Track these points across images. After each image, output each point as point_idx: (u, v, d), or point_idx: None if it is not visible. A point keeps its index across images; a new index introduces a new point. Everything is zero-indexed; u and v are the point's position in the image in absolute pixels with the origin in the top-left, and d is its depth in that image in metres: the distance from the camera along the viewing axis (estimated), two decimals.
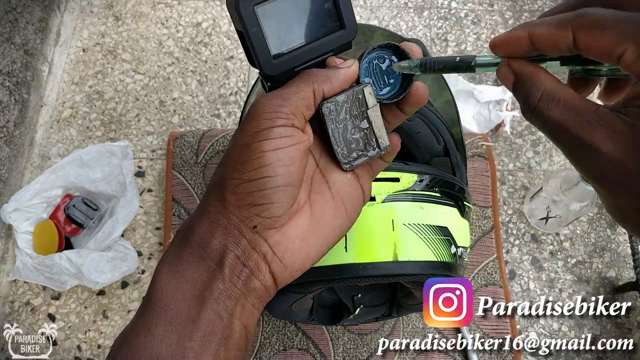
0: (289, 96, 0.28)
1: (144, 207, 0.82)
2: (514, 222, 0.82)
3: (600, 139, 0.22)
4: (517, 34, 0.25)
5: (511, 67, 0.26)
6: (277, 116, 0.28)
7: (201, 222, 0.29)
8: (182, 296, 0.27)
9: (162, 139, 0.88)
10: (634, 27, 0.21)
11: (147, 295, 0.29)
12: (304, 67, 0.30)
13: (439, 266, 0.46)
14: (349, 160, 0.31)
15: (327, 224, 0.31)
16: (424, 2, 1.01)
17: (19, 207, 0.76)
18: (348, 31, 0.31)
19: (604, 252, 0.80)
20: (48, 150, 0.88)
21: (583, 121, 0.22)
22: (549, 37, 0.24)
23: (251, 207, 0.28)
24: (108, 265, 0.73)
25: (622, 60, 0.22)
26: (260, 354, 0.71)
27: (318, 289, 0.48)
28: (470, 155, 0.84)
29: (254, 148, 0.27)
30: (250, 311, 0.29)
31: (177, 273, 0.28)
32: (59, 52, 0.96)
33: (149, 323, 0.27)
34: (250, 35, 0.28)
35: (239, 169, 0.28)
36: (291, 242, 0.30)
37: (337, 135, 0.30)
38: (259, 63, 0.29)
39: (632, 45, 0.21)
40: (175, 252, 0.29)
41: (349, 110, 0.30)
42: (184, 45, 0.96)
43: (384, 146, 0.32)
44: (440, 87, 0.63)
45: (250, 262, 0.28)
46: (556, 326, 0.76)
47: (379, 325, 0.73)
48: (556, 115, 0.24)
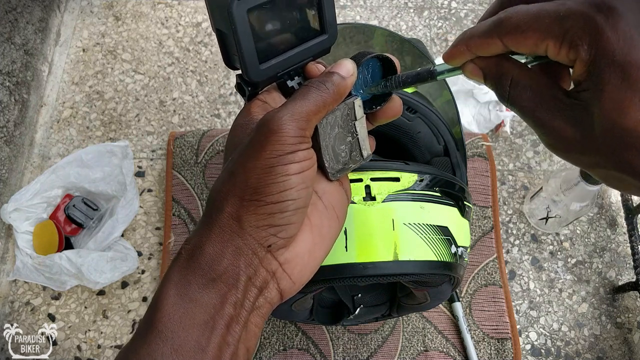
0: (310, 117, 0.28)
1: (144, 207, 0.82)
2: (514, 222, 0.82)
3: (561, 123, 0.24)
4: (457, 49, 0.27)
5: (476, 64, 0.27)
6: (302, 141, 0.27)
7: (211, 242, 0.27)
8: (191, 322, 0.26)
9: (162, 139, 0.88)
10: (549, 21, 0.22)
11: (150, 319, 0.27)
12: (286, 72, 0.30)
13: (440, 266, 0.46)
14: (336, 171, 0.31)
15: (326, 234, 0.31)
16: (424, 2, 1.01)
17: (19, 207, 0.76)
18: (330, 36, 0.31)
19: (604, 252, 0.80)
20: (48, 150, 0.88)
21: (547, 107, 0.24)
22: (483, 45, 0.26)
23: (269, 227, 0.27)
24: (108, 265, 0.73)
25: (548, 53, 0.23)
26: (260, 354, 0.71)
27: (318, 288, 0.48)
28: (470, 155, 0.84)
29: (280, 171, 0.26)
30: (253, 332, 0.29)
31: (185, 297, 0.27)
32: (59, 52, 0.96)
33: (154, 352, 0.25)
34: (240, 39, 0.27)
35: (262, 192, 0.27)
36: (300, 257, 0.29)
37: (328, 148, 0.30)
38: (246, 68, 0.29)
39: (551, 40, 0.23)
40: (183, 273, 0.27)
41: (340, 123, 0.30)
42: (184, 45, 0.96)
43: (366, 155, 0.33)
44: (440, 87, 0.63)
45: (259, 281, 0.28)
46: (556, 326, 0.76)
47: (379, 325, 0.73)
48: (527, 102, 0.25)
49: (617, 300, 0.77)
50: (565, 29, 0.22)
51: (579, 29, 0.22)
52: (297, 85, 0.31)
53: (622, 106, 0.21)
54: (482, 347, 0.72)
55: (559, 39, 0.22)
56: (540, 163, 0.87)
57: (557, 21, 0.22)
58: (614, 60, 0.21)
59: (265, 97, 0.32)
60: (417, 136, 0.54)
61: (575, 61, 0.23)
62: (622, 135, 0.21)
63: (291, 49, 0.30)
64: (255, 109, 0.31)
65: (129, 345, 0.27)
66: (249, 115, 0.31)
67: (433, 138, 0.55)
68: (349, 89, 0.30)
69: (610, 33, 0.21)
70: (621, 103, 0.21)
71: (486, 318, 0.74)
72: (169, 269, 0.28)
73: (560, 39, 0.22)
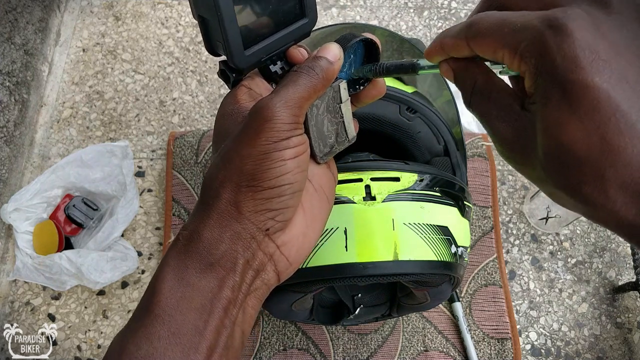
0: (302, 103, 0.28)
1: (144, 207, 0.82)
2: (514, 222, 0.82)
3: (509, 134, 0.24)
4: (434, 47, 0.27)
5: (449, 64, 0.28)
6: (296, 127, 0.28)
7: (209, 227, 0.28)
8: (189, 305, 0.26)
9: (162, 139, 0.88)
10: (507, 31, 0.23)
11: (147, 303, 0.27)
12: (269, 57, 0.31)
13: (440, 266, 0.46)
14: (324, 154, 0.32)
15: (318, 214, 0.32)
16: (424, 2, 1.01)
17: (19, 207, 0.76)
18: (310, 20, 0.31)
19: (604, 252, 0.80)
20: (48, 150, 0.88)
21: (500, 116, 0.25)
22: (454, 46, 0.26)
23: (268, 212, 0.28)
24: (108, 265, 0.73)
25: (504, 62, 0.24)
26: (260, 354, 0.71)
27: (318, 288, 0.48)
28: (470, 155, 0.84)
29: (275, 157, 0.27)
30: (250, 314, 0.29)
31: (183, 281, 0.27)
32: (59, 52, 0.96)
33: (151, 334, 0.26)
34: (225, 25, 0.27)
35: (259, 177, 0.27)
36: (295, 239, 0.30)
37: (315, 132, 0.31)
38: (232, 55, 0.29)
39: (506, 50, 0.23)
40: (181, 257, 0.28)
41: (327, 106, 0.31)
42: (184, 45, 0.96)
43: (352, 137, 0.33)
44: (440, 87, 0.63)
45: (256, 263, 0.29)
46: (556, 326, 0.76)
47: (379, 325, 0.73)
48: (484, 109, 0.26)
49: (617, 300, 0.77)
50: (519, 41, 0.22)
51: (530, 43, 0.22)
52: (280, 70, 0.32)
53: (561, 123, 0.21)
54: (482, 347, 0.72)
55: (514, 50, 0.23)
56: None
57: (513, 32, 0.22)
58: (556, 78, 0.21)
59: (249, 83, 0.32)
60: (417, 136, 0.54)
61: (525, 73, 0.23)
62: (561, 153, 0.21)
63: (274, 34, 0.30)
64: (241, 95, 0.31)
65: (125, 329, 0.27)
66: (236, 103, 0.31)
67: (433, 138, 0.55)
68: (337, 73, 0.30)
69: (556, 51, 0.21)
70: (560, 120, 0.21)
71: (486, 318, 0.74)
72: (167, 254, 0.29)
73: (514, 50, 0.23)
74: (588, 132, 0.20)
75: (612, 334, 0.75)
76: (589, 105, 0.20)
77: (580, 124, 0.20)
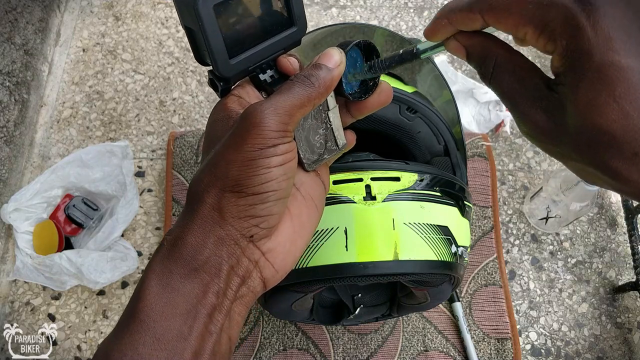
0: (294, 112, 0.27)
1: (144, 207, 0.82)
2: (514, 222, 0.82)
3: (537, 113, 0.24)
4: (439, 22, 0.26)
5: (459, 41, 0.27)
6: (284, 135, 0.27)
7: (192, 232, 0.27)
8: (173, 311, 0.26)
9: (162, 139, 0.88)
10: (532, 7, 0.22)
11: (132, 309, 0.27)
12: (257, 66, 0.30)
13: (440, 265, 0.46)
14: (312, 162, 0.32)
15: (306, 222, 0.32)
16: (424, 2, 1.01)
17: (19, 207, 0.76)
18: (299, 29, 0.31)
19: (604, 252, 0.80)
20: (48, 150, 0.88)
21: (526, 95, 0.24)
22: (464, 21, 0.25)
23: (251, 218, 0.28)
24: (108, 265, 0.73)
25: (525, 40, 0.23)
26: (260, 354, 0.71)
27: (318, 288, 0.48)
28: (470, 155, 0.84)
29: (261, 164, 0.27)
30: (236, 321, 0.29)
31: (167, 287, 0.27)
32: (59, 52, 0.96)
33: (136, 341, 0.25)
34: (208, 35, 0.27)
35: (243, 183, 0.27)
36: (282, 246, 0.30)
37: (303, 139, 0.31)
38: (216, 64, 0.29)
39: (531, 27, 0.22)
40: (165, 263, 0.27)
41: (313, 114, 0.31)
42: (184, 45, 0.96)
43: (342, 145, 0.33)
44: (440, 87, 0.63)
45: (241, 270, 0.28)
46: (556, 326, 0.76)
47: (379, 325, 0.73)
48: (507, 86, 0.25)
49: (617, 300, 0.77)
50: (547, 19, 0.22)
51: (560, 22, 0.21)
52: (270, 79, 0.31)
53: (596, 105, 0.21)
54: (482, 347, 0.72)
55: (539, 28, 0.22)
56: (540, 163, 0.87)
57: (540, 9, 0.22)
58: (591, 59, 0.21)
59: (239, 92, 0.31)
60: (417, 136, 0.54)
61: (553, 53, 0.22)
62: (595, 133, 0.21)
63: (261, 43, 0.30)
64: (231, 104, 0.31)
65: (111, 336, 0.27)
66: (225, 110, 0.30)
67: (433, 138, 0.55)
68: (337, 80, 0.29)
69: (590, 32, 0.20)
70: (595, 102, 0.21)
71: (486, 318, 0.74)
72: (151, 260, 0.28)
73: (541, 28, 0.22)
74: (625, 114, 0.20)
75: (612, 334, 0.75)
76: (625, 87, 0.20)
77: (617, 105, 0.20)
